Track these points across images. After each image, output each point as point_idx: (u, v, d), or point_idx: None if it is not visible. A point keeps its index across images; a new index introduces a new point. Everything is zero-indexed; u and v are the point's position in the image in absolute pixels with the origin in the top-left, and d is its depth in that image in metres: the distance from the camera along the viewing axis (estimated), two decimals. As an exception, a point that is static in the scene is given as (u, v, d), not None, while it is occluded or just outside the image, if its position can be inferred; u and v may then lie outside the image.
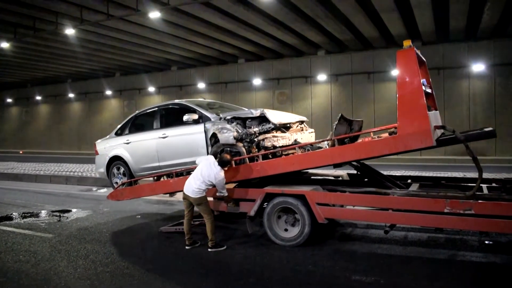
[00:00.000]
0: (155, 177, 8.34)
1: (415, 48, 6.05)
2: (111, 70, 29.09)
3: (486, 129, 6.54)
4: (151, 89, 28.45)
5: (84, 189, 13.65)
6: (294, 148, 7.12)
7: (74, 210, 10.18)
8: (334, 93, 23.02)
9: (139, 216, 9.37)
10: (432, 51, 20.14)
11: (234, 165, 7.13)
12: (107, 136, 9.43)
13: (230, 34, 19.42)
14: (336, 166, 7.04)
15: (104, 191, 13.23)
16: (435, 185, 7.50)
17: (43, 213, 9.89)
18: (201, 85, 26.46)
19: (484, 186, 6.90)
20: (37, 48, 21.57)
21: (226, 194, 6.97)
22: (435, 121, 6.37)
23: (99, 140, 9.54)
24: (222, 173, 6.69)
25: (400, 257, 6.30)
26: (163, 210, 10.12)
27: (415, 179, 7.95)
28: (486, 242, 6.87)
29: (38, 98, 34.51)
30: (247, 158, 7.14)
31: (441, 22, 17.70)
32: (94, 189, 13.64)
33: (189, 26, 18.03)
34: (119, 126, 9.16)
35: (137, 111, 9.23)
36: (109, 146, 9.02)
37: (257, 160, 7.05)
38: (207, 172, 6.66)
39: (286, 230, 6.98)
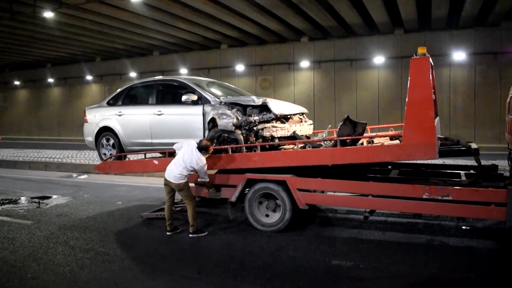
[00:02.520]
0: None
1: (430, 57, 5.97)
2: (91, 55, 28.60)
3: (473, 146, 6.54)
4: (133, 74, 28.07)
5: (64, 176, 13.49)
6: (292, 139, 7.13)
7: (53, 196, 10.07)
8: (316, 80, 23.06)
9: (120, 202, 9.30)
10: (414, 39, 20.27)
11: (230, 153, 7.03)
12: (98, 105, 9.20)
13: (213, 19, 19.23)
14: None
15: (84, 177, 13.10)
16: (415, 172, 7.61)
17: (22, 199, 9.76)
18: (183, 71, 26.22)
19: (462, 173, 7.03)
20: (14, 32, 21.04)
21: (208, 180, 6.96)
22: (438, 130, 6.39)
23: (89, 107, 9.28)
24: (203, 159, 6.67)
25: (379, 242, 6.40)
26: (144, 196, 10.06)
27: (395, 165, 8.04)
28: (463, 227, 7.02)
29: (17, 83, 33.78)
30: (244, 147, 7.02)
31: (424, 10, 17.80)
32: (74, 175, 13.49)
33: (171, 10, 17.77)
34: (111, 96, 8.89)
35: (132, 83, 9.00)
36: (100, 116, 8.74)
37: (255, 151, 6.94)
38: (189, 157, 6.62)
39: (267, 215, 7.02)
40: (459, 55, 19.49)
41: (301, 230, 6.98)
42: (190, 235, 6.68)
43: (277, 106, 7.18)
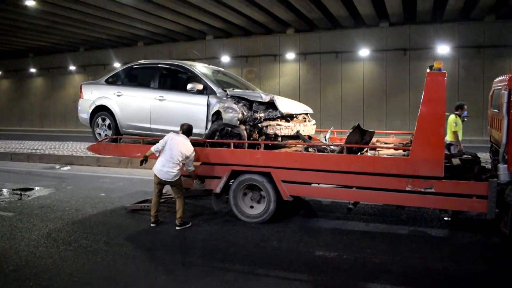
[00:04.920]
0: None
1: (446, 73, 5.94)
2: (75, 45, 28.15)
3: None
4: (117, 65, 27.64)
5: (46, 167, 13.30)
6: (294, 138, 7.14)
7: (36, 188, 9.92)
8: (302, 72, 23.06)
9: (103, 194, 9.20)
10: (399, 32, 20.42)
11: (232, 147, 6.92)
12: (95, 81, 8.99)
13: (198, 10, 19.06)
14: None
15: (67, 168, 12.94)
16: None
17: (4, 191, 9.59)
18: (168, 62, 25.98)
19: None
20: (-5, 20, 20.62)
21: (193, 169, 6.91)
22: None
23: (85, 83, 9.05)
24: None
25: (363, 233, 6.47)
26: (128, 187, 9.97)
27: None
28: (445, 218, 7.11)
29: (-2, 72, 33.17)
30: (246, 144, 6.93)
31: (409, 4, 17.87)
32: (57, 166, 13.31)
33: (156, 0, 17.57)
34: (111, 74, 8.66)
35: (134, 62, 8.74)
36: (97, 93, 8.47)
37: (258, 148, 6.84)
38: (184, 149, 6.55)
39: (251, 207, 7.03)
40: (443, 49, 19.64)
41: (285, 221, 7.00)
42: (177, 227, 6.63)
43: (284, 104, 7.10)
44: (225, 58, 24.38)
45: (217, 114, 7.10)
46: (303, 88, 22.85)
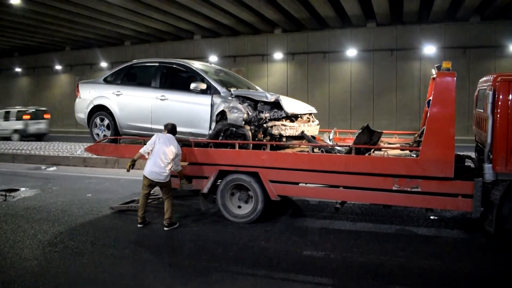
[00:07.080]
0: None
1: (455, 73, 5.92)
2: (60, 44, 27.91)
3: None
4: (104, 64, 27.54)
5: (32, 168, 13.15)
6: (298, 139, 7.13)
7: (21, 189, 9.80)
8: (290, 72, 23.13)
9: (90, 195, 9.13)
10: (385, 32, 20.58)
11: (237, 148, 6.84)
12: (93, 80, 8.85)
13: (186, 9, 19.02)
14: None
15: (53, 169, 12.81)
16: None
17: (-12, 192, 9.47)
18: (156, 62, 25.84)
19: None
20: (-21, 19, 20.35)
21: (181, 169, 6.87)
22: None
23: (83, 82, 8.90)
24: None
25: (350, 232, 6.49)
26: (115, 188, 9.90)
27: None
28: (432, 217, 7.18)
29: (-18, 72, 32.72)
30: (251, 144, 6.85)
31: (396, 4, 18.02)
32: (43, 167, 13.16)
33: (143, -1, 17.51)
34: (110, 73, 8.51)
35: (134, 61, 8.57)
36: (96, 93, 8.29)
37: (264, 149, 6.77)
38: (174, 148, 6.53)
39: (239, 207, 7.01)
40: (429, 49, 19.85)
41: (273, 221, 7.01)
42: (165, 228, 6.59)
43: (289, 104, 7.05)
44: (213, 58, 24.35)
45: (222, 114, 7.00)
46: (291, 88, 22.92)
